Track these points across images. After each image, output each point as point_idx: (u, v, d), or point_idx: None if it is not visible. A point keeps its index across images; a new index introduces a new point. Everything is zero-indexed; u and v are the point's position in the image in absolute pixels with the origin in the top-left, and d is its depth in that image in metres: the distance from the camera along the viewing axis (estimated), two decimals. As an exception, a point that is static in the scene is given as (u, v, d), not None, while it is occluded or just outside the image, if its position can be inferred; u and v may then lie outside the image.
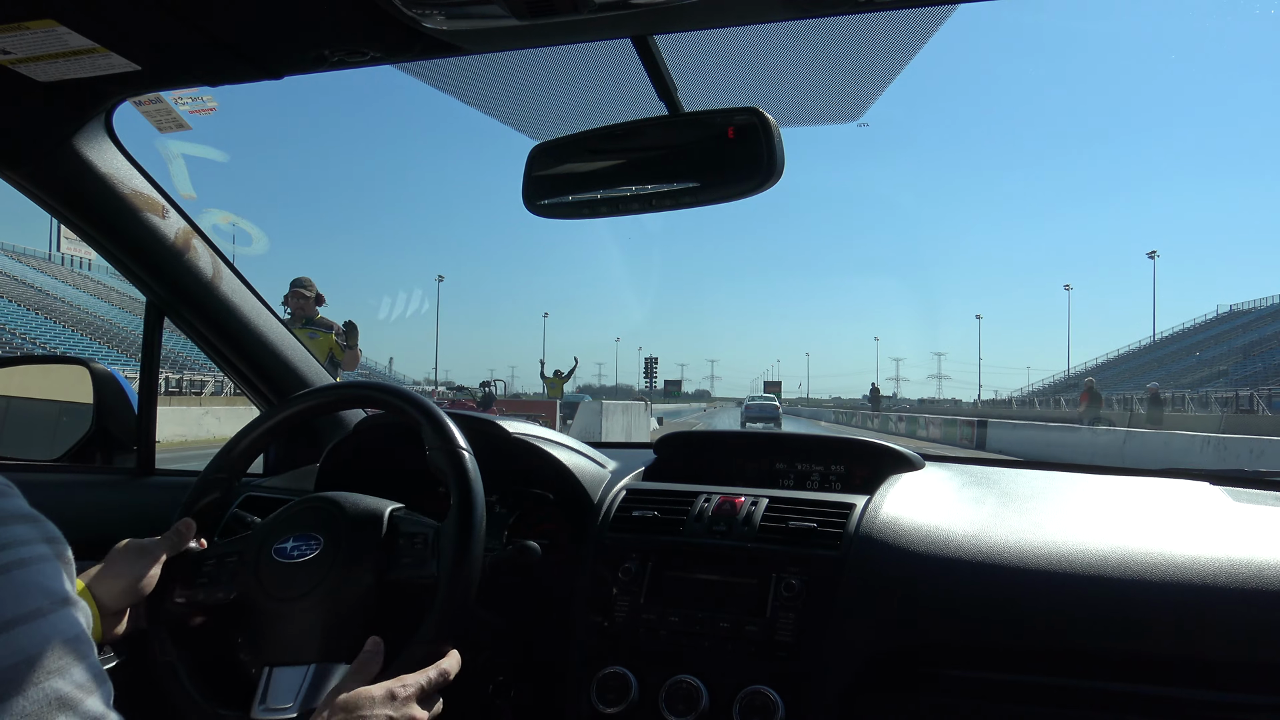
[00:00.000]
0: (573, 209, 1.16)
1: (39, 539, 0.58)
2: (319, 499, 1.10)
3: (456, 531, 1.02)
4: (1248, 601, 1.01)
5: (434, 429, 1.09)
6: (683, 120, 1.11)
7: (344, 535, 1.05)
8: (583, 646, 1.24)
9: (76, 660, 0.56)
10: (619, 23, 0.94)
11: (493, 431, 1.47)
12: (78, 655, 0.56)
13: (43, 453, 1.86)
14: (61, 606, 0.57)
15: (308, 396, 1.23)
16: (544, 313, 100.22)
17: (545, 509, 1.44)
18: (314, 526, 1.07)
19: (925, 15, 0.98)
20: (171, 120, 2.17)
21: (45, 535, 0.59)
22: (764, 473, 1.54)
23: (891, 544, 1.16)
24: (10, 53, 1.01)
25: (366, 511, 1.08)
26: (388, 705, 0.89)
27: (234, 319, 1.56)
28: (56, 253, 50.31)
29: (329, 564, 1.03)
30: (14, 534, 0.56)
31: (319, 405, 1.24)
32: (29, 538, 0.57)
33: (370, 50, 1.00)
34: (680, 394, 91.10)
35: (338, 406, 1.26)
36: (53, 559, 0.58)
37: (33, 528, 0.58)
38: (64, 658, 0.55)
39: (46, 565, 0.57)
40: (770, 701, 1.10)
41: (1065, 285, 75.40)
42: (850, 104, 1.25)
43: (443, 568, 1.01)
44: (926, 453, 1.51)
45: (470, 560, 1.01)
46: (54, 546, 0.59)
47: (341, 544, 1.04)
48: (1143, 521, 1.18)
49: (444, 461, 1.07)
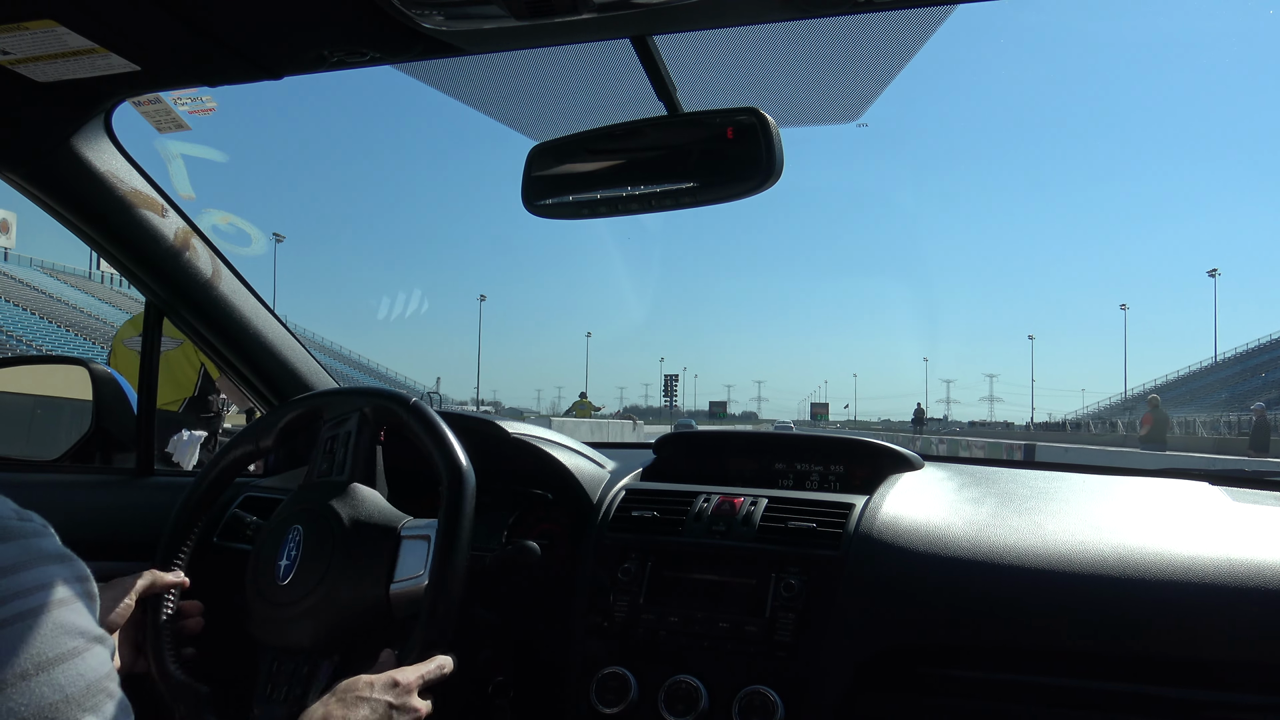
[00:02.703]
0: (572, 209, 1.16)
1: (72, 578, 0.60)
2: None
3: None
4: (1247, 601, 1.01)
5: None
6: (682, 120, 1.11)
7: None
8: (582, 646, 1.24)
9: (108, 697, 0.59)
10: (618, 23, 0.94)
11: (492, 432, 1.47)
12: (109, 692, 0.59)
13: (42, 453, 1.86)
14: (95, 644, 0.60)
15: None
16: (587, 332, 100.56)
17: (545, 509, 1.44)
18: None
19: (925, 15, 0.98)
20: (171, 120, 2.17)
21: (76, 574, 0.61)
22: (763, 473, 1.54)
23: (891, 544, 1.16)
24: (10, 53, 1.01)
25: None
26: (388, 692, 0.90)
27: (233, 319, 1.56)
28: (96, 270, 50.78)
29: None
30: (48, 574, 0.59)
31: (311, 411, 1.23)
32: (62, 577, 0.60)
33: (370, 51, 1.00)
34: (725, 415, 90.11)
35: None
36: (83, 597, 0.61)
37: (65, 567, 0.60)
38: (98, 695, 0.58)
39: (79, 604, 0.60)
40: (770, 701, 1.10)
41: (1121, 305, 74.60)
42: (850, 104, 1.25)
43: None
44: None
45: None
46: (84, 585, 0.61)
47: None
48: (1142, 521, 1.18)
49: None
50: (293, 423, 1.22)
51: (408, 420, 1.13)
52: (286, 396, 1.63)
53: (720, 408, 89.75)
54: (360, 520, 1.08)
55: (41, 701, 0.54)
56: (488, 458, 1.20)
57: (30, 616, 0.55)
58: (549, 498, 1.44)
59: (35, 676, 0.54)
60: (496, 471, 1.42)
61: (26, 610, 0.55)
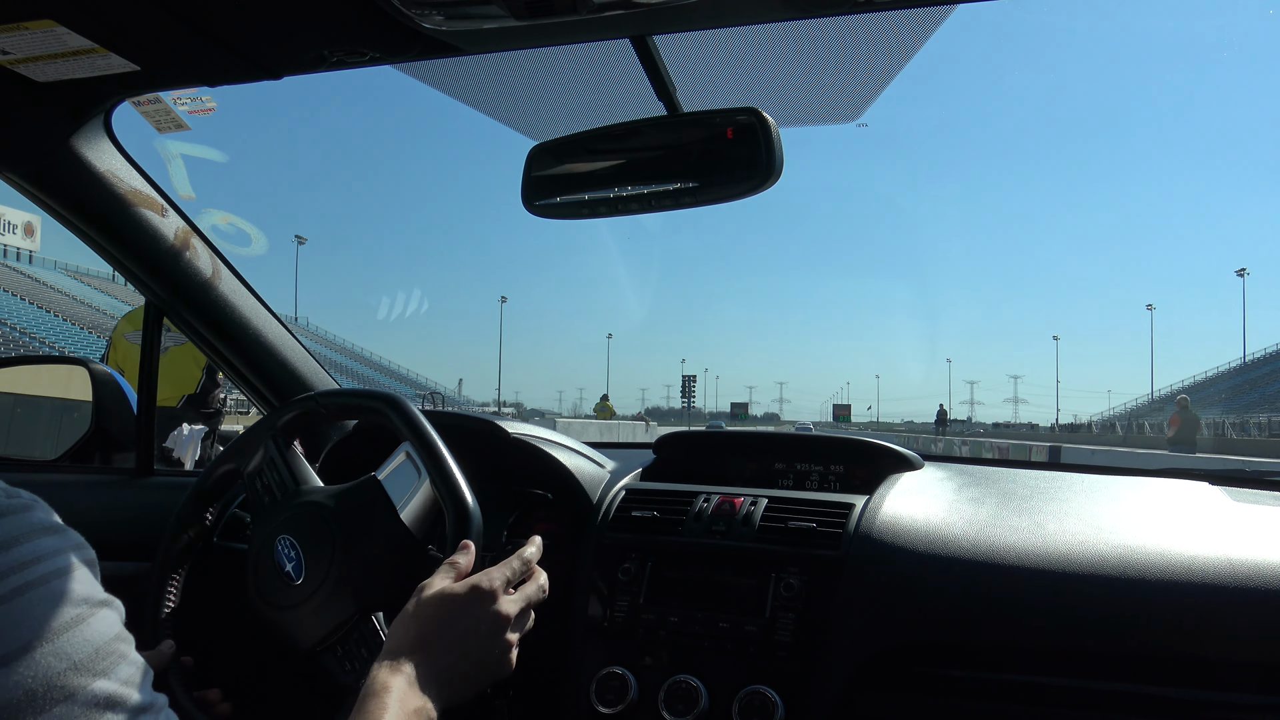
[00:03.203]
0: (572, 209, 1.16)
1: (68, 548, 0.60)
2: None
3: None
4: (1247, 601, 1.01)
5: (431, 461, 1.10)
6: (682, 120, 1.11)
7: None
8: (582, 646, 1.24)
9: (120, 659, 0.58)
10: (618, 23, 0.94)
11: (492, 432, 1.47)
12: (120, 654, 0.58)
13: (42, 452, 1.86)
14: (100, 608, 0.59)
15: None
16: (608, 334, 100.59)
17: (545, 509, 1.44)
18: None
19: (925, 15, 0.98)
20: (170, 120, 2.17)
21: (72, 544, 0.61)
22: (763, 473, 1.54)
23: (891, 544, 1.16)
24: (10, 53, 1.01)
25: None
26: (476, 605, 0.90)
27: (233, 319, 1.56)
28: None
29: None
30: (43, 547, 0.58)
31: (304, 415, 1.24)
32: (59, 548, 0.59)
33: (369, 50, 1.00)
34: (747, 416, 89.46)
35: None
36: (82, 565, 0.60)
37: (59, 538, 0.60)
38: (108, 658, 0.57)
39: (78, 572, 0.59)
40: (770, 701, 1.10)
41: (1148, 305, 73.84)
42: (850, 104, 1.25)
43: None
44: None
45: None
46: (81, 553, 0.61)
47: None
48: (1142, 521, 1.18)
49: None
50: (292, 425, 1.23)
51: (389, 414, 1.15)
52: (286, 396, 1.63)
53: (742, 409, 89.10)
54: (334, 492, 1.11)
55: (49, 671, 0.53)
56: (487, 458, 1.20)
57: (29, 589, 0.55)
58: (549, 498, 1.44)
59: (40, 647, 0.53)
60: (496, 471, 1.42)
61: (24, 584, 0.55)
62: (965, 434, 51.26)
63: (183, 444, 3.80)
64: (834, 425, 77.43)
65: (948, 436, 41.02)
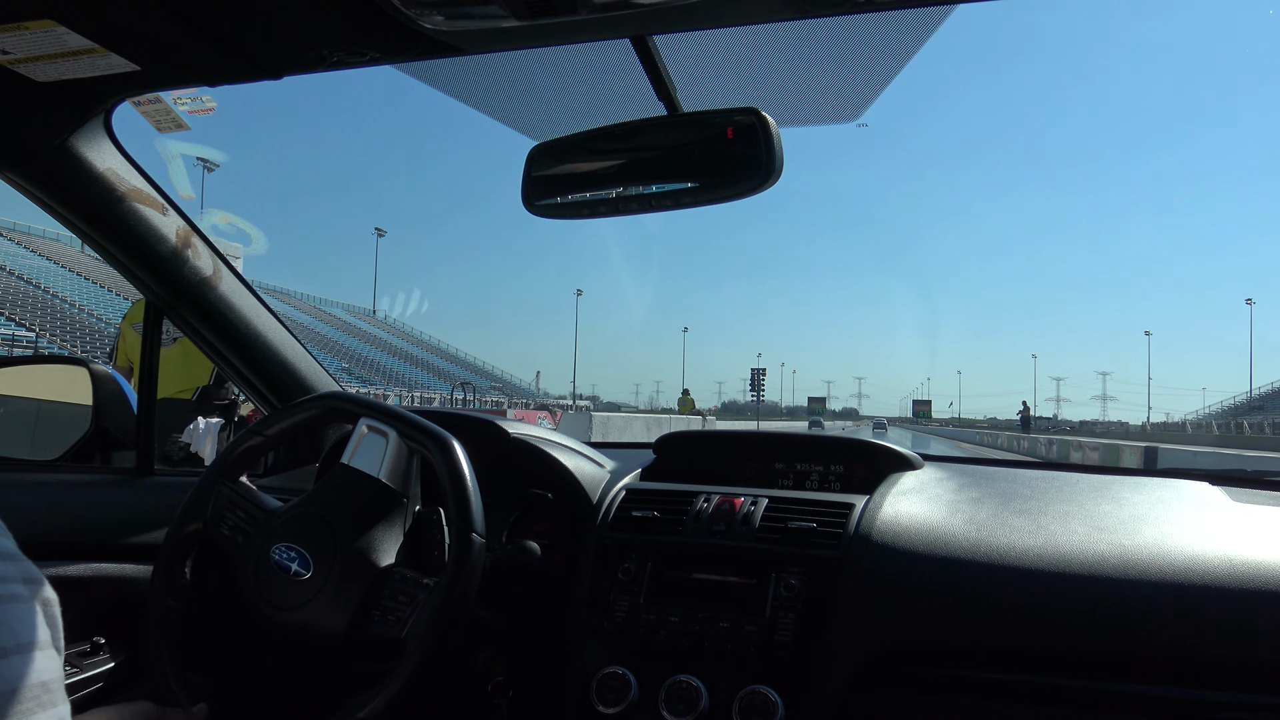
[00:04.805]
0: (572, 209, 1.16)
1: (16, 578, 0.56)
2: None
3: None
4: (1248, 601, 1.01)
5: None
6: (682, 120, 1.11)
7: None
8: (582, 646, 1.24)
9: (36, 709, 0.53)
10: (618, 23, 0.94)
11: (492, 432, 1.47)
12: (37, 704, 0.53)
13: (42, 453, 1.86)
14: (25, 651, 0.54)
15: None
16: (684, 327, 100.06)
17: (545, 509, 1.44)
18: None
19: (925, 15, 0.98)
20: (171, 120, 2.17)
21: (24, 575, 0.56)
22: (763, 473, 1.54)
23: (891, 544, 1.16)
24: (9, 53, 1.01)
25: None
26: None
27: (234, 319, 1.56)
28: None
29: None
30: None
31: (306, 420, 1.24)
32: (6, 575, 0.55)
33: (369, 50, 1.00)
34: (824, 411, 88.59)
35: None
36: (28, 599, 0.56)
37: (11, 565, 0.56)
38: (23, 704, 0.52)
39: (19, 606, 0.55)
40: (770, 701, 1.10)
41: (1247, 299, 70.98)
42: (850, 104, 1.25)
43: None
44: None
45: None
46: (31, 587, 0.56)
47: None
48: (1143, 521, 1.18)
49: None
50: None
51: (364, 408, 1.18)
52: (287, 397, 1.63)
53: (819, 404, 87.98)
54: (309, 493, 1.15)
55: None
56: (488, 458, 1.20)
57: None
58: (549, 498, 1.44)
59: None
60: (497, 471, 1.42)
61: None
62: (1051, 431, 48.87)
63: (200, 438, 3.76)
64: (914, 421, 76.36)
65: (1033, 436, 38.26)
